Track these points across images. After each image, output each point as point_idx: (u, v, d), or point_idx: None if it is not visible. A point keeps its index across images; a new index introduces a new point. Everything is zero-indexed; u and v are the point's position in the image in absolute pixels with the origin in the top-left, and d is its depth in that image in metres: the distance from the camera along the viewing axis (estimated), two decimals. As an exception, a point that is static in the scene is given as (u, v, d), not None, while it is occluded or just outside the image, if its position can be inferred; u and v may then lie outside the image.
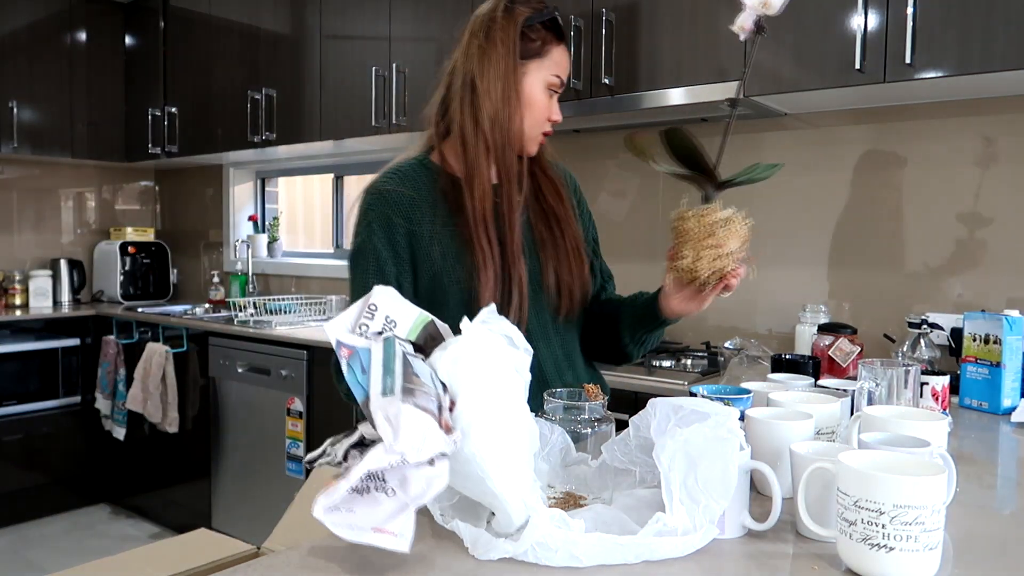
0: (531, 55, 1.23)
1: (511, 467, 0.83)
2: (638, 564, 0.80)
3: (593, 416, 1.02)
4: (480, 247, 1.16)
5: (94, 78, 3.98)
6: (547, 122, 1.25)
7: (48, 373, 3.68)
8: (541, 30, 1.24)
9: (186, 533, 1.64)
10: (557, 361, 1.28)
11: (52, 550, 3.32)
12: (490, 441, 0.81)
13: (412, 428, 0.76)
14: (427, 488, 0.76)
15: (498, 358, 0.86)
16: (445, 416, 0.80)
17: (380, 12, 2.94)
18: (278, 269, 3.96)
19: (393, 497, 0.76)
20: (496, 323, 0.90)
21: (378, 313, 0.87)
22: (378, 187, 1.22)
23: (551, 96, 1.25)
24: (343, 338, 0.83)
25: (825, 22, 1.94)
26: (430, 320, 0.90)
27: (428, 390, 0.80)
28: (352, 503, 0.76)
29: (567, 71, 1.26)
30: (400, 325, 0.88)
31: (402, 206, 1.20)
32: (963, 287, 2.12)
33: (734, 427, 0.86)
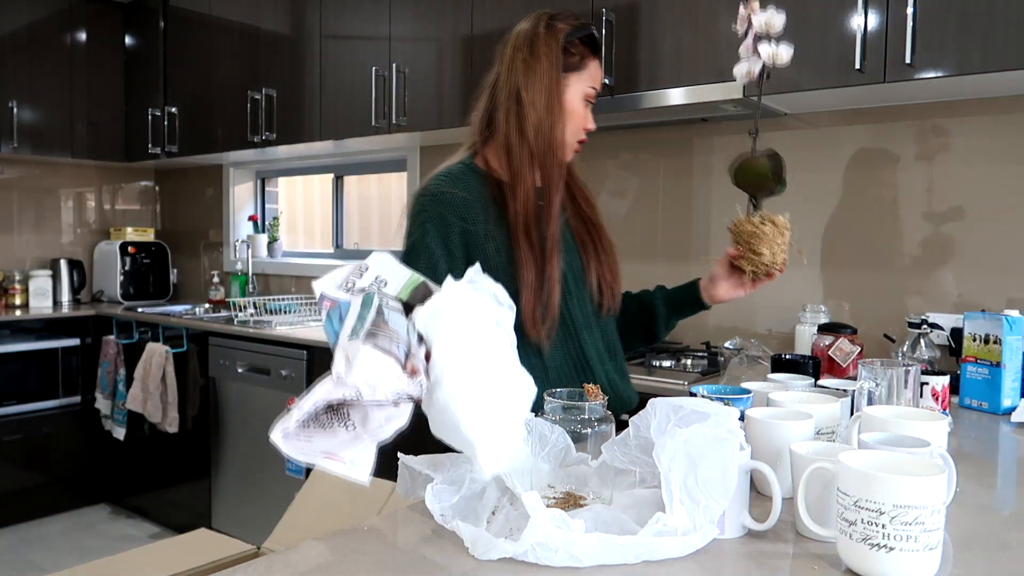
0: (571, 68, 1.32)
1: (487, 415, 0.86)
2: (638, 564, 0.80)
3: (593, 416, 1.02)
4: (521, 248, 1.24)
5: (94, 78, 3.98)
6: (582, 131, 1.35)
7: (48, 373, 3.68)
8: (580, 45, 1.33)
9: (186, 533, 1.64)
10: (599, 351, 1.36)
11: (52, 550, 3.32)
12: (464, 389, 0.85)
13: (367, 365, 0.80)
14: (384, 424, 0.81)
15: (478, 312, 0.89)
16: (412, 361, 0.83)
17: (380, 12, 2.94)
18: (278, 269, 3.96)
19: (352, 431, 0.81)
20: (482, 281, 0.93)
21: (368, 273, 0.90)
22: (432, 190, 1.28)
23: (587, 106, 1.35)
24: (328, 291, 0.87)
25: (825, 22, 1.94)
26: (422, 281, 0.93)
27: (394, 336, 0.83)
28: (311, 434, 0.81)
29: (600, 83, 1.36)
30: (391, 284, 0.91)
31: (457, 207, 1.26)
32: (963, 287, 2.12)
33: (734, 427, 0.86)
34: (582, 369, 1.31)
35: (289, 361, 2.91)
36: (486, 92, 1.35)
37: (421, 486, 0.97)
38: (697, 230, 2.59)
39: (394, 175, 3.65)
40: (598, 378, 1.33)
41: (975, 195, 2.10)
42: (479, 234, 1.26)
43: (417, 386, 0.83)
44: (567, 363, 1.31)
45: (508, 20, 2.56)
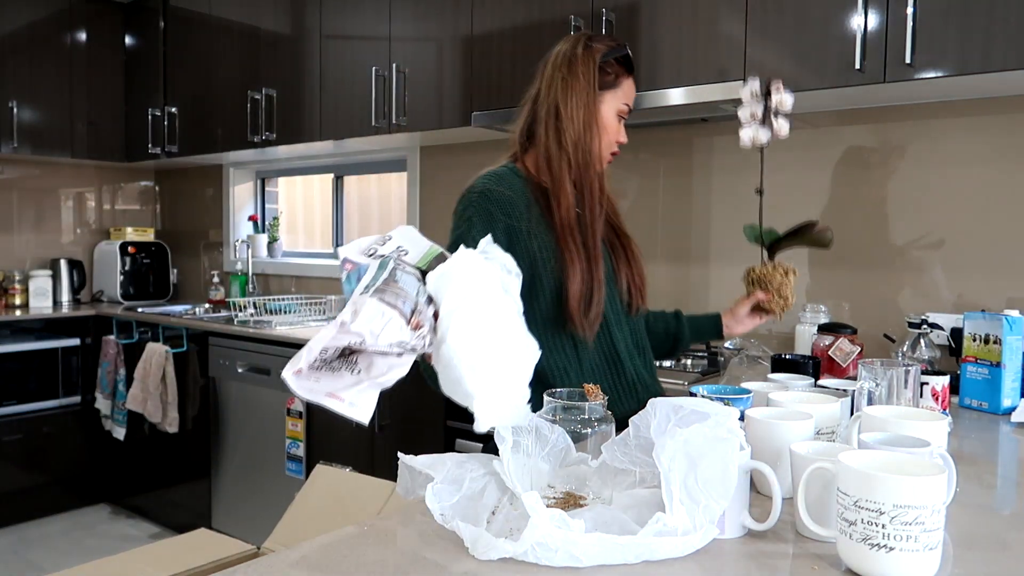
0: (607, 87, 1.42)
1: (488, 371, 0.92)
2: (638, 564, 0.80)
3: (593, 416, 1.02)
4: (568, 249, 1.33)
5: (94, 78, 3.98)
6: (615, 144, 1.46)
7: (48, 373, 3.68)
8: (615, 64, 1.43)
9: (186, 533, 1.64)
10: (629, 347, 1.44)
11: (52, 550, 3.32)
12: (467, 345, 0.91)
13: (371, 315, 0.87)
14: (387, 371, 0.89)
15: (486, 277, 0.96)
16: (417, 317, 0.91)
17: (380, 12, 2.94)
18: (278, 269, 3.96)
19: (356, 376, 0.88)
20: (493, 251, 1.00)
21: (391, 242, 0.99)
22: (478, 188, 1.36)
23: (620, 121, 1.46)
24: (351, 256, 0.96)
25: (825, 22, 1.94)
26: (440, 252, 1.00)
27: (402, 293, 0.91)
28: (320, 376, 0.88)
29: (633, 99, 1.48)
30: (411, 253, 0.98)
31: (503, 204, 1.34)
32: (963, 287, 2.12)
33: (734, 427, 0.86)
34: (613, 363, 1.39)
35: (289, 361, 2.90)
36: (527, 106, 1.46)
37: (421, 486, 0.97)
38: (697, 230, 2.59)
39: (394, 175, 3.65)
40: (627, 372, 1.40)
41: (975, 195, 2.10)
42: (523, 231, 1.34)
43: (420, 339, 0.90)
44: (599, 356, 1.38)
45: (508, 20, 2.57)
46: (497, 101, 2.60)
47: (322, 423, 2.83)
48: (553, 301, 1.32)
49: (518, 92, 2.62)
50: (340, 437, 2.77)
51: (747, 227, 1.81)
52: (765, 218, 1.81)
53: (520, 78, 2.54)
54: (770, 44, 2.03)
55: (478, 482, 0.95)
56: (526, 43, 2.52)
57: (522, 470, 0.96)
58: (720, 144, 2.53)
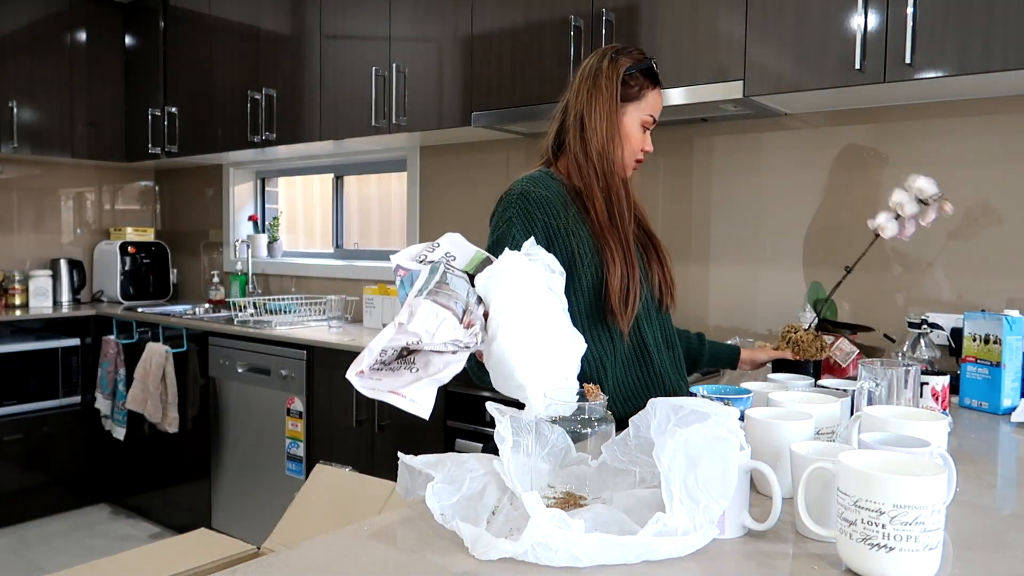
0: (630, 99, 1.49)
1: (538, 363, 0.99)
2: (638, 564, 0.80)
3: (593, 416, 1.02)
4: (609, 247, 1.40)
5: (94, 78, 3.98)
6: (640, 152, 1.52)
7: (48, 373, 3.68)
8: (639, 77, 1.50)
9: (186, 533, 1.64)
10: (658, 342, 1.49)
11: (52, 550, 3.32)
12: (517, 340, 0.98)
13: (427, 315, 0.94)
14: (444, 367, 0.95)
15: (531, 277, 1.03)
16: (469, 316, 0.97)
17: (380, 12, 2.94)
18: (278, 269, 3.96)
19: (415, 374, 0.95)
20: (537, 253, 1.08)
21: (439, 249, 1.05)
22: (517, 190, 1.42)
23: (645, 131, 1.52)
24: (403, 263, 1.03)
25: (825, 22, 1.94)
26: (486, 257, 1.06)
27: (454, 295, 0.97)
28: (381, 375, 0.94)
29: (659, 110, 1.54)
30: (459, 259, 1.05)
31: (541, 204, 1.40)
32: (963, 287, 2.12)
33: (734, 427, 0.86)
34: (642, 356, 1.45)
35: (289, 361, 2.91)
36: (558, 116, 1.53)
37: (421, 486, 0.97)
38: (697, 230, 2.59)
39: (394, 175, 3.65)
40: (655, 365, 1.46)
41: (975, 195, 2.10)
42: (561, 228, 1.40)
43: (472, 337, 0.97)
44: (630, 349, 1.44)
45: (508, 20, 2.57)
46: (497, 101, 2.60)
47: (322, 423, 2.83)
48: (592, 296, 1.39)
49: (518, 92, 2.64)
50: (340, 437, 2.77)
51: (812, 287, 1.91)
52: (765, 219, 1.82)
53: (520, 78, 2.54)
54: (770, 44, 2.03)
55: (478, 482, 0.95)
56: (526, 43, 2.52)
57: (522, 470, 0.96)
58: (720, 144, 2.53)
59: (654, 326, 1.50)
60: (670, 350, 1.53)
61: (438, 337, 0.93)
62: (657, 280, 1.53)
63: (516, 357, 0.98)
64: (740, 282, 2.52)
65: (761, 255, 2.46)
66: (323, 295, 3.49)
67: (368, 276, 3.51)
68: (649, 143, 1.54)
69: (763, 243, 2.46)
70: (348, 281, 3.61)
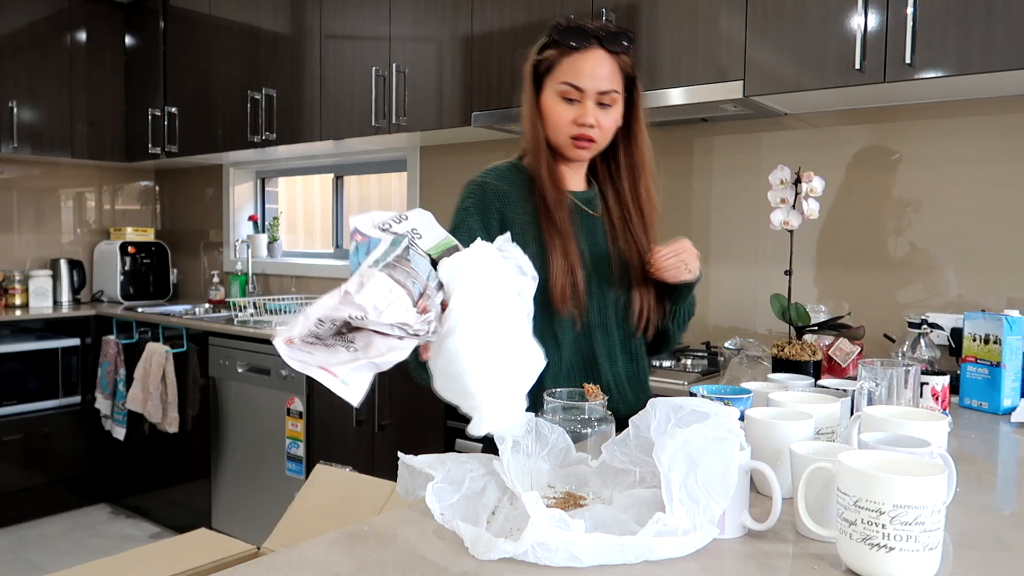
0: (543, 75, 1.39)
1: (493, 372, 0.89)
2: (638, 564, 0.80)
3: (593, 416, 1.02)
4: (546, 233, 1.34)
5: (94, 78, 3.98)
6: (572, 126, 1.36)
7: (48, 373, 3.68)
8: (549, 50, 1.39)
9: (186, 533, 1.64)
10: (612, 353, 1.41)
11: (52, 550, 3.32)
12: (474, 342, 0.88)
13: (378, 289, 0.82)
14: (386, 352, 0.84)
15: (500, 275, 0.93)
16: (425, 301, 0.86)
17: (380, 12, 2.94)
18: (278, 269, 3.96)
19: (353, 353, 0.84)
20: (510, 250, 0.97)
21: (407, 223, 0.93)
22: (478, 181, 1.40)
23: (571, 102, 1.36)
24: (362, 227, 0.90)
25: (825, 22, 1.94)
26: (454, 244, 0.94)
27: (412, 274, 0.86)
28: (314, 349, 0.84)
29: (583, 73, 1.35)
30: (425, 239, 0.93)
31: (498, 196, 1.37)
32: (963, 287, 2.12)
33: (734, 427, 0.86)
34: (591, 367, 1.38)
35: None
36: None
37: (421, 486, 0.97)
38: (697, 230, 2.59)
39: (394, 175, 3.65)
40: (604, 379, 1.38)
41: (975, 195, 2.10)
42: (516, 222, 1.36)
43: (425, 324, 0.85)
44: (576, 357, 1.38)
45: (508, 20, 2.57)
46: (497, 101, 2.60)
47: (322, 423, 2.83)
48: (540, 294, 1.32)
49: (518, 92, 2.63)
50: (340, 437, 2.77)
51: (772, 299, 1.83)
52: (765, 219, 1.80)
53: (520, 78, 2.54)
54: (770, 44, 2.02)
55: (478, 482, 0.95)
56: (526, 43, 2.49)
57: (522, 470, 0.96)
58: (720, 144, 2.53)
59: (611, 339, 1.42)
60: (633, 362, 1.45)
61: (386, 316, 0.82)
62: (638, 305, 1.42)
63: (471, 359, 0.88)
64: (740, 282, 2.52)
65: (761, 255, 2.46)
66: (323, 295, 3.48)
67: (368, 276, 3.50)
68: (583, 113, 1.35)
69: (763, 243, 2.45)
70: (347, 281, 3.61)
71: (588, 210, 1.44)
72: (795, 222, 1.68)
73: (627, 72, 1.40)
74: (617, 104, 1.38)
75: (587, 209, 1.44)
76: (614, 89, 1.36)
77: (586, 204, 1.45)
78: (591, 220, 1.44)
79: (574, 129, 1.36)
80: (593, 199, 1.47)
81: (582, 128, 1.36)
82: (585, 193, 1.46)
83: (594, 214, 1.45)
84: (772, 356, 1.71)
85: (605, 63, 1.36)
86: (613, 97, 1.37)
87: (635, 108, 1.43)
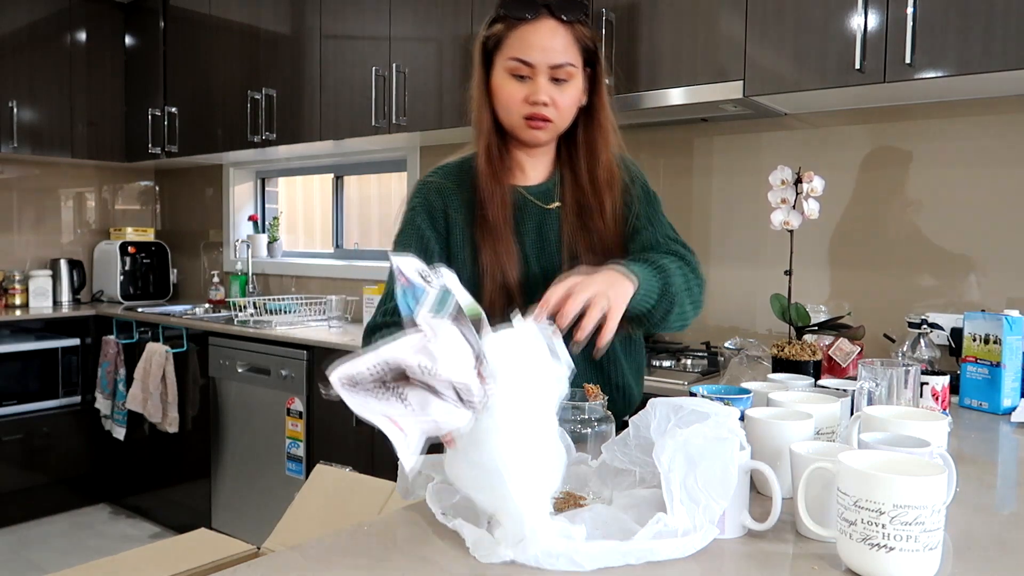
0: (491, 52, 1.27)
1: (527, 468, 0.80)
2: (640, 565, 0.80)
3: (593, 416, 1.02)
4: (478, 232, 1.26)
5: (94, 78, 3.98)
6: (524, 104, 1.24)
7: (48, 373, 3.68)
8: (496, 25, 1.26)
9: (186, 533, 1.64)
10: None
11: (52, 550, 3.32)
12: (517, 436, 0.80)
13: (453, 343, 0.74)
14: (444, 416, 0.74)
15: (544, 358, 0.86)
16: (480, 366, 0.77)
17: (380, 12, 2.94)
18: (278, 269, 3.96)
19: (409, 409, 0.74)
20: (544, 332, 0.88)
21: (441, 279, 0.84)
22: (425, 180, 1.34)
23: (521, 79, 1.24)
24: (406, 271, 0.81)
25: (825, 22, 1.94)
26: (480, 314, 0.85)
27: (472, 336, 0.78)
28: (364, 393, 0.74)
29: (532, 46, 1.22)
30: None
31: (443, 194, 1.31)
32: (963, 287, 2.12)
33: (734, 427, 0.86)
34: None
35: (289, 361, 2.91)
36: None
37: (421, 486, 0.97)
38: (697, 230, 2.59)
39: (394, 175, 3.65)
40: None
41: (975, 195, 2.09)
42: (457, 222, 1.29)
43: (481, 392, 0.76)
44: None
45: (508, 20, 2.57)
46: (497, 101, 2.60)
47: (322, 423, 2.83)
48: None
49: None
50: (340, 437, 2.76)
51: (772, 299, 1.80)
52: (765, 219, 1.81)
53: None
54: (770, 44, 2.02)
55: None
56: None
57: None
58: (720, 144, 2.53)
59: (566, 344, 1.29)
60: (597, 370, 1.31)
61: (453, 373, 0.73)
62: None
63: (507, 453, 0.79)
64: (740, 282, 2.52)
65: (761, 255, 2.46)
66: (323, 295, 3.49)
67: (368, 276, 3.51)
68: (535, 91, 1.22)
69: (763, 243, 2.45)
70: (348, 281, 3.61)
71: (538, 203, 1.31)
72: (795, 222, 1.68)
73: (586, 44, 1.26)
74: (575, 79, 1.25)
75: (537, 202, 1.31)
76: (569, 62, 1.23)
77: (541, 195, 1.32)
78: (543, 213, 1.31)
79: (526, 108, 1.24)
80: (551, 190, 1.33)
81: (534, 107, 1.23)
82: (542, 185, 1.33)
83: (546, 207, 1.31)
84: (772, 356, 1.71)
85: (558, 34, 1.22)
86: (569, 71, 1.23)
87: (597, 84, 1.29)
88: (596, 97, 1.30)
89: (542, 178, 1.34)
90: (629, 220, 1.33)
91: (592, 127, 1.31)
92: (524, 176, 1.33)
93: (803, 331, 1.79)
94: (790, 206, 1.70)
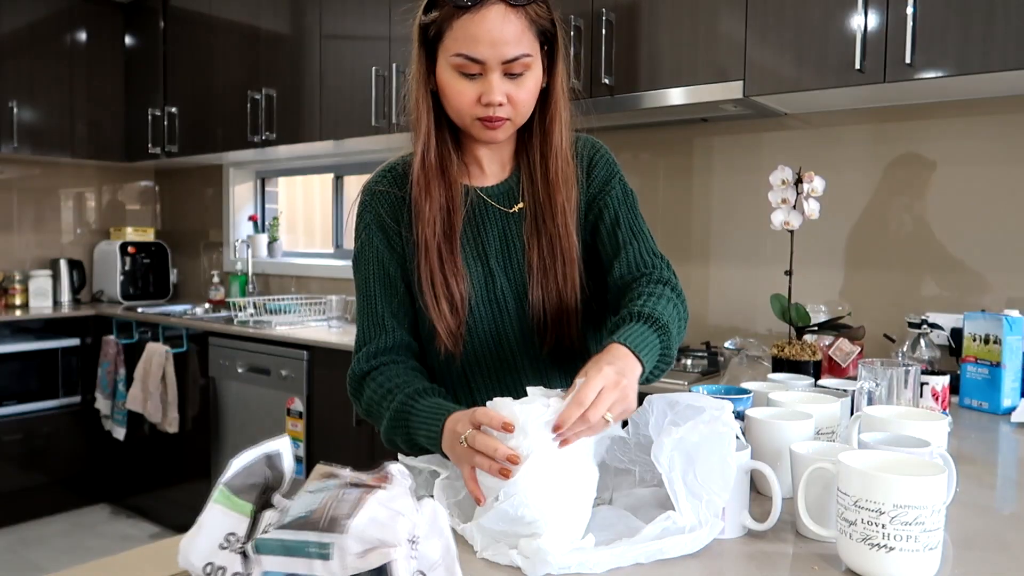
0: (433, 45, 1.08)
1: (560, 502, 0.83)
2: (648, 564, 0.80)
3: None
4: (419, 247, 1.13)
5: (94, 78, 3.98)
6: (477, 106, 1.07)
7: (48, 373, 3.68)
8: (435, 10, 1.06)
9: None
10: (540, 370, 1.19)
11: (52, 550, 3.32)
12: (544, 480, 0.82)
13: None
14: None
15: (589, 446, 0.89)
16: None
17: (380, 12, 2.94)
18: (278, 269, 3.96)
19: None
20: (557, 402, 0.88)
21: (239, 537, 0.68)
22: (371, 187, 1.19)
23: (471, 77, 1.06)
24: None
25: (825, 22, 1.94)
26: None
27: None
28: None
29: (480, 41, 1.03)
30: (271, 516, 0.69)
31: (393, 206, 1.16)
32: (963, 287, 2.12)
33: (728, 419, 0.86)
34: (465, 383, 1.18)
35: (289, 361, 2.91)
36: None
37: (422, 486, 0.97)
38: (697, 230, 2.59)
39: (394, 175, 3.65)
40: (480, 397, 1.16)
41: (974, 195, 2.09)
42: (410, 240, 1.15)
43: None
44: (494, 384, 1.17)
45: (508, 20, 2.57)
46: (497, 101, 2.59)
47: (322, 423, 2.83)
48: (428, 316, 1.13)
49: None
50: (340, 437, 2.76)
51: (773, 298, 1.80)
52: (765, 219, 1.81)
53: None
54: (770, 44, 2.02)
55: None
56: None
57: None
58: (720, 144, 2.53)
59: (535, 356, 1.17)
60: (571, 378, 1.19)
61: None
62: (532, 318, 1.15)
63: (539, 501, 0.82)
64: (740, 282, 2.52)
65: (761, 255, 2.46)
66: (323, 295, 3.49)
67: (368, 276, 3.50)
68: (491, 91, 1.05)
69: (762, 243, 2.45)
70: (348, 281, 3.61)
71: (500, 206, 1.17)
72: (796, 222, 1.68)
73: (542, 25, 1.08)
74: (533, 68, 1.07)
75: (498, 205, 1.17)
76: (524, 53, 1.05)
77: (503, 197, 1.18)
78: (505, 218, 1.17)
79: (479, 110, 1.07)
80: (513, 189, 1.18)
81: (488, 108, 1.06)
82: (502, 185, 1.19)
83: (508, 210, 1.17)
84: (772, 356, 1.71)
85: (509, 21, 1.03)
86: (525, 63, 1.05)
87: (555, 67, 1.12)
88: (552, 80, 1.13)
89: (502, 175, 1.19)
90: (604, 225, 1.17)
91: (545, 116, 1.15)
92: (482, 175, 1.19)
93: (803, 331, 1.79)
94: (790, 206, 1.70)
